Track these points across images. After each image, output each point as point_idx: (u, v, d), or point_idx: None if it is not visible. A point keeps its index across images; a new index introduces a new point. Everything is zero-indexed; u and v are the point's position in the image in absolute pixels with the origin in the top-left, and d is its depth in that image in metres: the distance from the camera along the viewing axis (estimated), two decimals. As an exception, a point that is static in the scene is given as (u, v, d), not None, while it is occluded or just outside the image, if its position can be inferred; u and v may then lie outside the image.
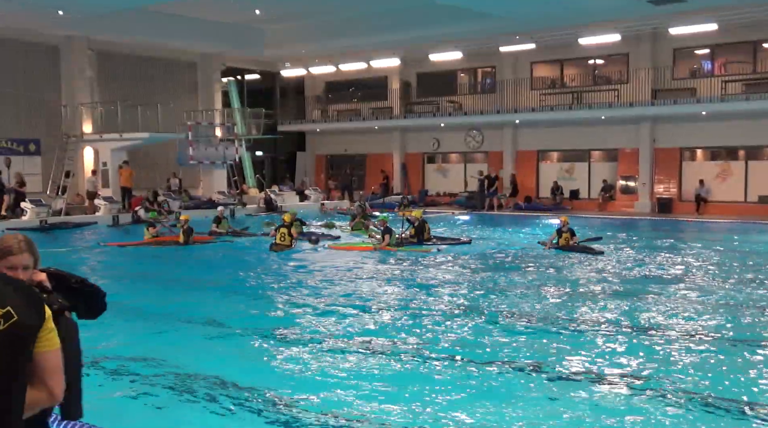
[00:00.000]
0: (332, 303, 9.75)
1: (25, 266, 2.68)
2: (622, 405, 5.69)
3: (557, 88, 28.25)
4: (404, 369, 6.69)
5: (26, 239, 2.75)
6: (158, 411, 5.68)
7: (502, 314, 9.03)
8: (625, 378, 6.32)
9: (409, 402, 5.72)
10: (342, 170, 33.48)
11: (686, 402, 5.74)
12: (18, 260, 2.66)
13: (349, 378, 6.36)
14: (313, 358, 6.98)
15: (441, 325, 8.43)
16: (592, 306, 9.48)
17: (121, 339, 7.90)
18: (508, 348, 7.34)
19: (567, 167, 28.29)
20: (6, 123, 24.14)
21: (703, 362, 6.86)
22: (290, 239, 15.34)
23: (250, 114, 29.29)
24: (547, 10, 22.55)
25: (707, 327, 8.24)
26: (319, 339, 7.77)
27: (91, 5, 21.71)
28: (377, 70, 31.34)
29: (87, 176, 24.97)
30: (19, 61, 24.38)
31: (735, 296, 10.17)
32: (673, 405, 5.66)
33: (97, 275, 12.83)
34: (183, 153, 26.29)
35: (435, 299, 10.06)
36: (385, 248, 15.07)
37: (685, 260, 13.77)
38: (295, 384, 6.20)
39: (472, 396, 5.88)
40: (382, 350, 7.32)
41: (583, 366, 6.68)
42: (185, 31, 26.45)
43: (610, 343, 7.58)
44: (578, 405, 5.64)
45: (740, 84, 24.01)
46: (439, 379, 6.34)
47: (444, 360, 6.93)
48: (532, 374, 6.48)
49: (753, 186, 24.14)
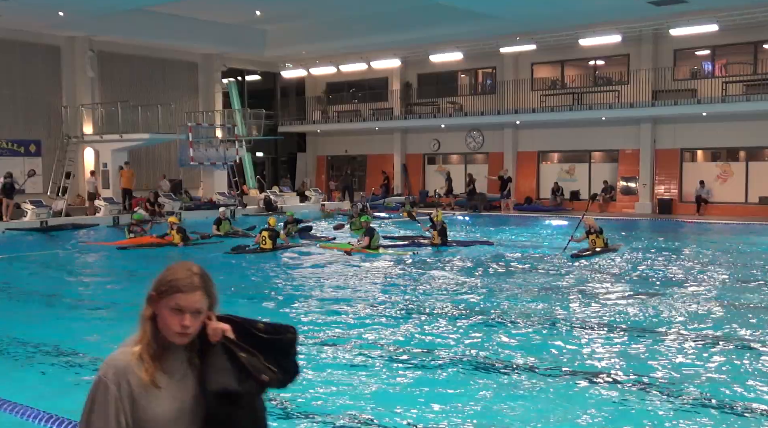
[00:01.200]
0: (332, 303, 9.74)
1: (197, 309, 2.05)
2: (622, 405, 5.68)
3: (558, 89, 28.24)
4: (404, 369, 6.68)
5: (201, 273, 2.12)
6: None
7: (504, 314, 9.02)
8: (625, 378, 6.31)
9: (409, 402, 5.72)
10: (343, 171, 33.49)
11: (687, 402, 5.73)
12: (188, 300, 2.03)
13: (349, 378, 6.36)
14: (313, 358, 6.98)
15: (443, 325, 8.43)
16: (592, 306, 9.47)
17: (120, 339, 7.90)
18: (508, 348, 7.33)
19: (567, 168, 28.29)
20: (7, 124, 24.15)
21: (704, 362, 6.86)
22: (272, 243, 14.96)
23: (250, 115, 29.29)
24: (547, 11, 22.55)
25: (707, 328, 8.23)
26: (318, 338, 7.76)
27: (91, 6, 21.74)
28: (378, 71, 31.36)
29: (87, 177, 25.00)
30: (19, 62, 24.39)
31: (735, 296, 10.16)
32: (673, 405, 5.66)
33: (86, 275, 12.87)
34: (184, 154, 26.30)
35: (438, 299, 10.05)
36: (365, 250, 14.81)
37: (685, 261, 13.76)
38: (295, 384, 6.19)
39: (472, 396, 5.88)
40: (382, 350, 7.31)
41: (583, 366, 6.68)
42: (186, 32, 26.49)
43: (610, 343, 7.57)
44: (578, 405, 5.64)
45: (741, 85, 23.99)
46: (439, 379, 6.34)
47: (445, 360, 6.93)
48: (532, 374, 6.47)
49: (753, 187, 24.12)
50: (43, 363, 7.02)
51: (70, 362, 7.05)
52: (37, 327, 8.62)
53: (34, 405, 5.34)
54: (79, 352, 7.40)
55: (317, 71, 32.52)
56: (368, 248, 14.83)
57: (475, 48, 28.03)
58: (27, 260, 14.65)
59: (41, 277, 12.91)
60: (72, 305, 10.23)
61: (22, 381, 6.44)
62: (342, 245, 15.66)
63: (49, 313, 9.71)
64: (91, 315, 9.54)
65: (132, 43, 26.56)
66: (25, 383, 6.36)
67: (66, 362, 7.05)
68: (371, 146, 32.93)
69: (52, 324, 8.83)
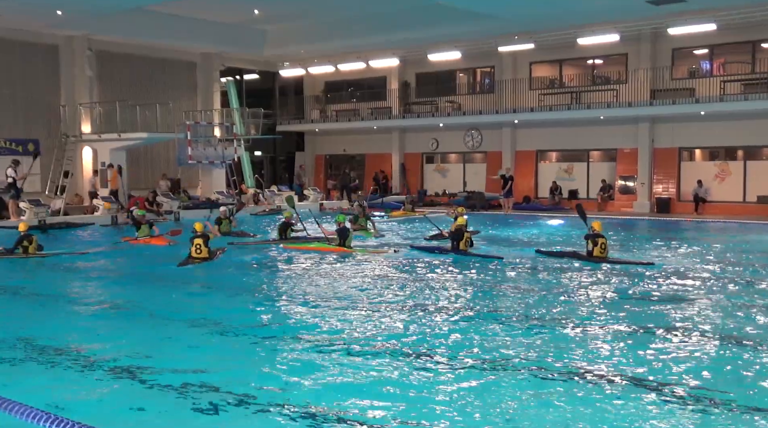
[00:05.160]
0: (332, 303, 9.75)
1: None
2: (622, 405, 5.69)
3: (556, 89, 28.27)
4: (404, 369, 6.69)
5: None
6: (155, 410, 5.68)
7: (504, 314, 9.04)
8: (625, 379, 6.32)
9: (408, 403, 5.74)
10: (341, 170, 33.50)
11: (687, 402, 5.74)
12: None
13: (349, 378, 6.38)
14: (312, 359, 6.99)
15: (442, 325, 8.44)
16: (592, 307, 9.49)
17: (120, 339, 7.91)
18: (508, 349, 7.35)
19: (566, 167, 28.32)
20: (5, 123, 24.11)
21: (704, 362, 6.88)
22: (207, 250, 13.68)
23: (249, 114, 29.27)
24: (546, 11, 22.57)
25: (707, 328, 8.25)
26: (319, 339, 7.77)
27: (90, 5, 21.72)
28: (376, 70, 31.36)
29: (88, 176, 25.02)
30: (18, 61, 24.34)
31: (734, 295, 10.17)
32: (673, 405, 5.67)
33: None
34: (182, 153, 26.28)
35: (439, 299, 10.06)
36: (340, 249, 14.67)
37: (683, 260, 13.76)
38: (295, 384, 6.21)
39: (472, 396, 5.89)
40: (382, 350, 7.32)
41: (583, 367, 6.68)
42: (184, 31, 26.48)
43: (609, 343, 7.58)
44: (578, 405, 5.65)
45: (739, 84, 24.03)
46: (439, 379, 6.35)
47: (444, 359, 6.94)
48: (532, 374, 6.48)
49: (751, 186, 24.17)
50: (43, 362, 7.02)
51: (70, 362, 7.04)
52: (37, 327, 8.62)
53: (34, 405, 5.35)
54: (80, 352, 7.40)
55: (316, 70, 32.52)
56: (343, 247, 14.71)
57: (473, 47, 28.05)
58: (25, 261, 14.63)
59: (40, 277, 12.91)
60: (72, 306, 10.23)
61: (22, 381, 6.44)
62: (310, 245, 15.53)
63: (49, 313, 9.71)
64: (91, 315, 9.54)
65: (131, 42, 26.53)
66: (25, 383, 6.36)
67: (67, 362, 7.04)
68: (370, 145, 32.94)
69: (52, 324, 8.83)
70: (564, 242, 16.67)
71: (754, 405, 5.66)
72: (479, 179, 29.93)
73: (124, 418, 5.52)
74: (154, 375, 6.45)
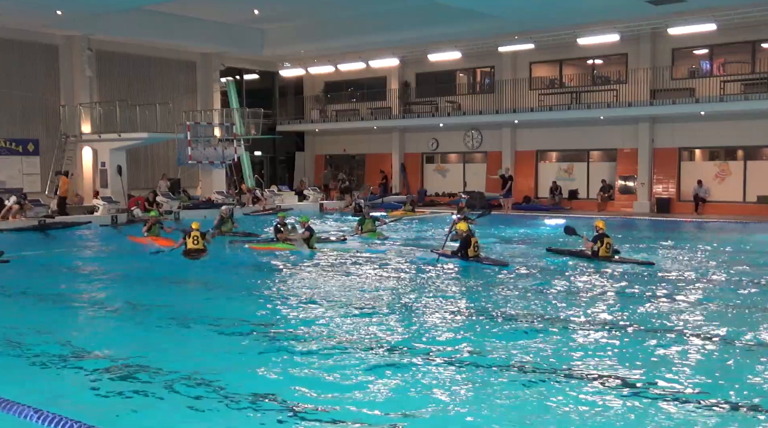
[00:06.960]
0: (332, 304, 9.75)
1: None
2: (622, 405, 5.69)
3: (556, 89, 28.27)
4: (404, 369, 6.68)
5: None
6: (154, 410, 5.67)
7: (503, 314, 9.03)
8: (625, 379, 6.31)
9: (409, 402, 5.73)
10: (341, 170, 33.51)
11: (687, 402, 5.74)
12: None
13: (348, 378, 6.37)
14: (312, 359, 6.98)
15: (440, 325, 8.43)
16: (592, 307, 9.48)
17: (119, 339, 7.91)
18: (508, 348, 7.34)
19: (566, 167, 28.32)
20: (4, 123, 24.13)
21: (704, 362, 6.87)
22: (204, 243, 14.26)
23: (249, 114, 29.26)
24: (546, 11, 22.55)
25: (708, 328, 8.25)
26: (319, 339, 7.77)
27: (89, 5, 21.71)
28: (376, 70, 31.35)
29: (88, 176, 25.01)
30: (17, 61, 24.35)
31: (734, 295, 10.17)
32: (673, 405, 5.67)
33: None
34: (182, 153, 26.27)
35: (438, 299, 10.06)
36: (307, 248, 15.19)
37: (683, 260, 13.77)
38: (295, 384, 6.20)
39: (472, 396, 5.88)
40: (381, 350, 7.31)
41: (582, 367, 6.68)
42: (184, 31, 26.47)
43: (609, 343, 7.58)
44: (578, 405, 5.65)
45: (739, 84, 24.03)
46: (439, 379, 6.34)
47: (444, 360, 6.93)
48: (532, 374, 6.47)
49: (751, 186, 24.16)
50: (43, 362, 7.01)
51: (71, 362, 7.04)
52: (37, 327, 8.60)
53: (34, 405, 5.34)
54: (80, 352, 7.39)
55: (315, 70, 32.51)
56: (308, 245, 15.20)
57: (473, 47, 28.04)
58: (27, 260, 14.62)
59: (42, 277, 12.89)
60: (73, 305, 10.22)
61: (23, 381, 6.43)
62: (278, 245, 15.74)
63: (50, 313, 9.70)
64: (91, 315, 9.54)
65: (130, 42, 26.54)
66: (26, 383, 6.35)
67: (67, 362, 7.04)
68: (369, 145, 32.94)
69: (52, 324, 8.81)
70: (564, 243, 16.63)
71: (754, 405, 5.66)
72: (478, 180, 29.90)
73: (124, 418, 5.52)
74: (154, 375, 6.44)
